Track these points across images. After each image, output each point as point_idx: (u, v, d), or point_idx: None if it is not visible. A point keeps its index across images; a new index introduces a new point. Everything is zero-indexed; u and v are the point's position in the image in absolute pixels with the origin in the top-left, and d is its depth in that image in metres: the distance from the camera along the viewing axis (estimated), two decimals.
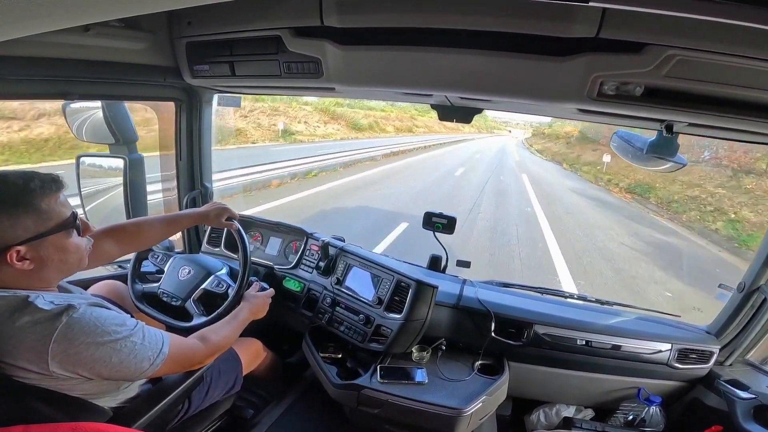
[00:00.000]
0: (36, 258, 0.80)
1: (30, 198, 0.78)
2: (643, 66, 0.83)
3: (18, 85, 1.08)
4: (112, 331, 0.83)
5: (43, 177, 0.81)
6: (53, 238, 0.81)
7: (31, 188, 0.78)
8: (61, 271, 0.87)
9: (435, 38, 0.94)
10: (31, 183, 0.78)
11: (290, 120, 18.55)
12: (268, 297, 1.37)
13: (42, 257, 0.81)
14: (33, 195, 0.78)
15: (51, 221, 0.80)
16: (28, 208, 0.78)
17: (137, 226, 1.25)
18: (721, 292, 1.51)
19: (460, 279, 1.71)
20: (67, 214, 0.83)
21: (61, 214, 0.82)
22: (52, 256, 0.82)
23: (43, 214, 0.79)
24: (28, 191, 0.78)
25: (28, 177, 0.79)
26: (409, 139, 25.85)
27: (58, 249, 0.83)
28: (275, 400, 1.61)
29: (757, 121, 0.88)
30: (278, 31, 1.10)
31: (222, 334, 1.12)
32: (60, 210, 0.82)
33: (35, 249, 0.79)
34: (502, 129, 67.17)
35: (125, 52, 1.24)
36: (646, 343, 1.47)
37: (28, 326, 0.76)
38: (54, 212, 0.81)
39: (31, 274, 0.81)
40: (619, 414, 1.53)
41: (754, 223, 8.57)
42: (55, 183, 0.82)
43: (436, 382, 1.36)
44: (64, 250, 0.84)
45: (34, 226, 0.78)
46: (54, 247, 0.82)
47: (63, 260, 0.85)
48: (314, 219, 6.18)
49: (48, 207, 0.80)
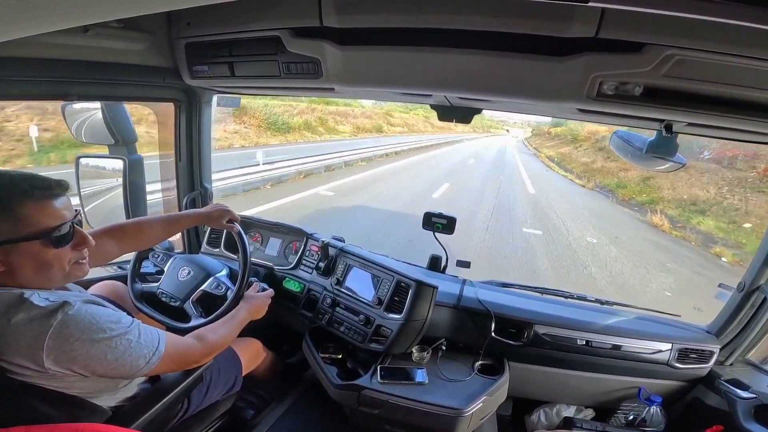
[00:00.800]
0: (6, 262, 0.77)
1: (10, 202, 0.76)
2: (643, 66, 0.83)
3: (17, 86, 1.08)
4: (107, 328, 0.82)
5: (36, 182, 0.78)
6: (26, 246, 0.78)
7: (13, 192, 0.76)
8: (39, 281, 0.82)
9: (434, 38, 0.94)
10: (16, 187, 0.76)
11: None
12: (267, 297, 1.37)
13: (11, 262, 0.78)
14: (12, 199, 0.76)
15: (26, 228, 0.77)
16: (4, 212, 0.75)
17: (137, 226, 1.25)
18: (721, 291, 1.51)
19: (460, 279, 1.71)
20: (49, 224, 0.79)
21: (39, 224, 0.78)
22: (24, 264, 0.79)
23: (18, 221, 0.76)
24: (11, 195, 0.76)
25: (18, 180, 0.77)
26: (372, 142, 18.11)
27: (31, 258, 0.79)
28: (275, 400, 1.60)
29: (756, 120, 0.88)
30: (277, 32, 1.10)
31: (220, 334, 1.12)
32: (40, 219, 0.78)
33: (6, 253, 0.77)
34: (500, 128, 62.95)
35: (124, 52, 1.24)
36: (647, 343, 1.47)
37: (24, 323, 0.76)
38: (32, 220, 0.77)
39: (6, 276, 0.79)
40: (620, 414, 1.53)
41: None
42: (48, 190, 0.79)
43: (436, 382, 1.35)
44: (38, 261, 0.80)
45: (7, 230, 0.76)
46: (26, 255, 0.78)
47: (38, 270, 0.81)
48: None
49: (26, 213, 0.77)
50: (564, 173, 16.97)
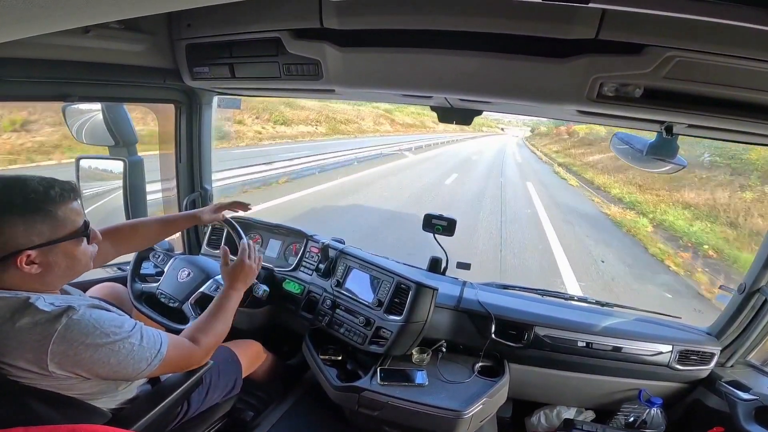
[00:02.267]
0: (44, 263, 0.81)
1: (48, 205, 0.80)
2: (643, 67, 0.83)
3: (18, 86, 1.08)
4: (110, 332, 0.83)
5: (63, 185, 0.83)
6: (64, 245, 0.83)
7: (51, 196, 0.80)
8: (65, 276, 0.88)
9: (435, 40, 0.94)
10: (51, 190, 0.80)
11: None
12: (244, 254, 1.21)
13: (50, 262, 0.82)
14: (52, 202, 0.80)
15: (65, 229, 0.82)
16: (46, 215, 0.79)
17: (133, 228, 1.26)
18: (722, 293, 1.50)
19: (461, 281, 1.71)
20: (80, 223, 0.85)
21: (75, 223, 0.84)
22: (59, 262, 0.84)
23: (58, 222, 0.81)
24: (48, 198, 0.80)
25: (48, 184, 0.81)
26: (308, 146, 14.04)
27: (66, 256, 0.84)
28: (275, 402, 1.60)
29: (756, 122, 0.88)
30: (278, 33, 1.11)
31: (213, 331, 1.08)
32: (74, 218, 0.84)
33: (45, 254, 0.81)
34: (493, 126, 56.86)
35: (125, 54, 1.24)
36: (647, 345, 1.47)
37: (28, 327, 0.77)
38: (69, 220, 0.83)
39: (36, 278, 0.82)
40: (620, 416, 1.52)
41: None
42: (73, 191, 0.85)
43: (436, 384, 1.35)
44: (71, 258, 0.86)
45: (48, 232, 0.80)
46: (63, 254, 0.84)
47: (69, 266, 0.86)
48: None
49: (64, 215, 0.82)
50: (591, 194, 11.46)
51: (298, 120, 18.23)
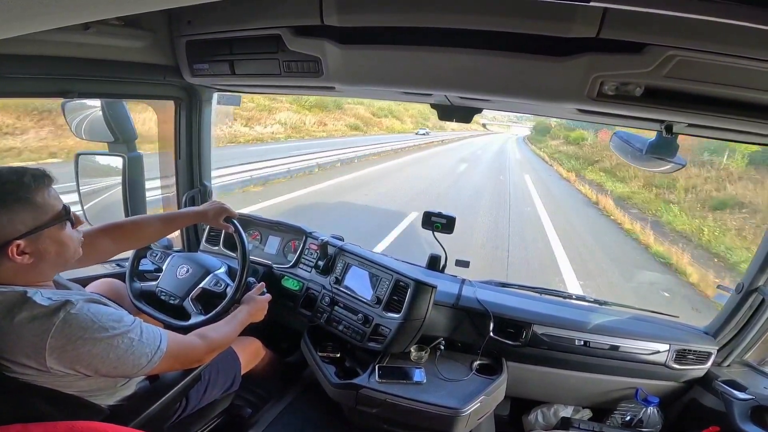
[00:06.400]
0: (35, 252, 0.82)
1: (26, 193, 0.80)
2: (644, 66, 0.83)
3: (17, 83, 1.08)
4: (109, 327, 0.83)
5: (34, 171, 0.83)
6: (50, 231, 0.83)
7: (25, 183, 0.80)
8: (57, 264, 0.89)
9: (435, 38, 0.94)
10: (24, 178, 0.80)
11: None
12: (266, 301, 1.35)
13: (40, 251, 0.82)
14: (28, 189, 0.80)
15: (46, 214, 0.83)
16: (25, 203, 0.79)
17: (134, 224, 1.25)
18: (720, 292, 1.51)
19: (459, 279, 1.71)
20: (59, 207, 0.85)
21: (55, 208, 0.84)
22: (49, 250, 0.84)
23: (38, 208, 0.81)
24: (24, 186, 0.80)
25: (20, 172, 0.81)
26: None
27: (54, 242, 0.85)
28: (274, 399, 1.60)
29: (757, 121, 0.88)
30: (278, 30, 1.10)
31: (222, 333, 1.12)
32: (53, 203, 0.84)
33: (34, 243, 0.81)
34: (491, 125, 54.72)
35: (125, 50, 1.23)
36: (644, 344, 1.47)
37: (26, 322, 0.76)
38: (48, 206, 0.83)
39: (29, 269, 0.82)
40: (617, 414, 1.53)
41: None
42: (46, 177, 0.84)
43: (434, 381, 1.36)
44: (60, 243, 0.86)
45: (31, 220, 0.80)
46: (51, 240, 0.84)
47: (59, 253, 0.87)
48: None
49: (43, 201, 0.82)
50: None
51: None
